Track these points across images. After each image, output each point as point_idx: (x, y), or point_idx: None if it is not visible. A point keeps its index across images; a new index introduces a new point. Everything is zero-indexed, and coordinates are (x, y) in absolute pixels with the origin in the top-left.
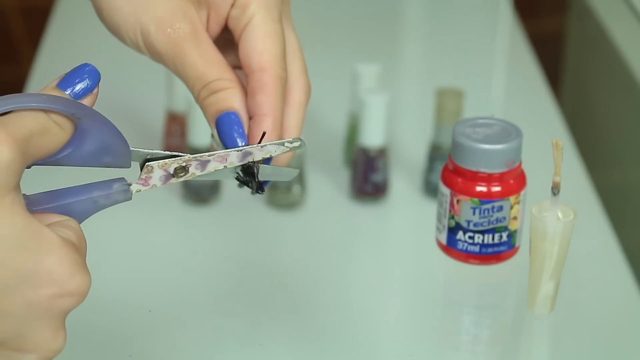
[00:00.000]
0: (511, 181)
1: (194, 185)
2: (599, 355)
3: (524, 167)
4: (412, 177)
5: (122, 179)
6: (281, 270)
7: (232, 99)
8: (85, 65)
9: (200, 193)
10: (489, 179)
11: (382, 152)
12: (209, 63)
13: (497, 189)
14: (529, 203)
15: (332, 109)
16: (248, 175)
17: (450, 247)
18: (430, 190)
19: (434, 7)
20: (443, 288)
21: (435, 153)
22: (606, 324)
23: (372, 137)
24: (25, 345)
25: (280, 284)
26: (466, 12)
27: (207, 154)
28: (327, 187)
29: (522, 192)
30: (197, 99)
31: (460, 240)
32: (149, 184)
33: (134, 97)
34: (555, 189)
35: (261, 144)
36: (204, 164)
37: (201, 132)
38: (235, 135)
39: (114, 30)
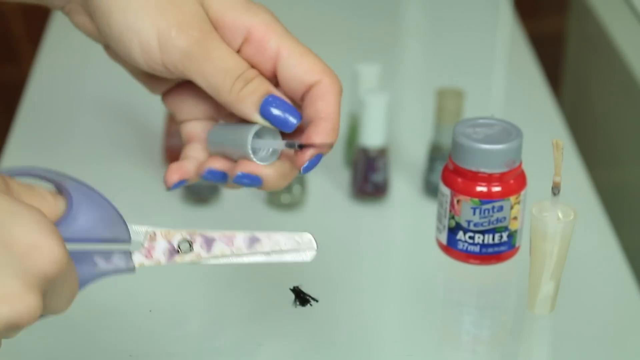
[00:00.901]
0: (511, 181)
1: (194, 185)
2: (599, 355)
3: (524, 167)
4: (412, 177)
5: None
6: (281, 270)
7: (267, 84)
8: None
9: (200, 193)
10: (489, 179)
11: (382, 152)
12: (236, 56)
13: (497, 189)
14: (529, 203)
15: None
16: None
17: (450, 247)
18: (430, 190)
19: (434, 7)
20: (443, 288)
21: (435, 153)
22: (606, 324)
23: (372, 137)
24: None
25: (280, 284)
26: (466, 12)
27: (211, 231)
28: (327, 187)
29: (522, 192)
30: (229, 91)
31: (460, 240)
32: (152, 257)
33: (134, 97)
34: (556, 189)
35: (268, 233)
36: (209, 242)
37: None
38: (288, 114)
39: (121, 34)
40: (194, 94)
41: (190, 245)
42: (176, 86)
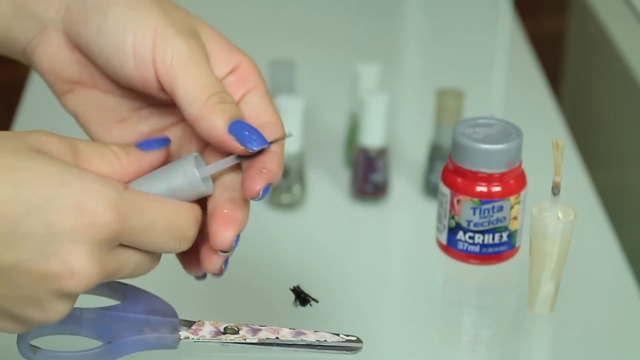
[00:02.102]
0: (511, 181)
1: None
2: (599, 355)
3: (524, 167)
4: (412, 177)
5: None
6: (281, 270)
7: (241, 113)
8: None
9: None
10: (489, 179)
11: (382, 152)
12: (219, 81)
13: (497, 189)
14: (529, 203)
15: (332, 109)
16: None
17: (450, 247)
18: (430, 190)
19: (434, 7)
20: (443, 288)
21: (435, 153)
22: (606, 324)
23: (372, 137)
24: (51, 267)
25: (280, 284)
26: (466, 12)
27: (259, 325)
28: (327, 187)
29: (522, 192)
30: (204, 102)
31: (460, 240)
32: (197, 335)
33: None
34: (556, 189)
35: (315, 330)
36: (255, 331)
37: None
38: (256, 136)
39: (117, 25)
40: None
41: (237, 331)
42: (143, 136)
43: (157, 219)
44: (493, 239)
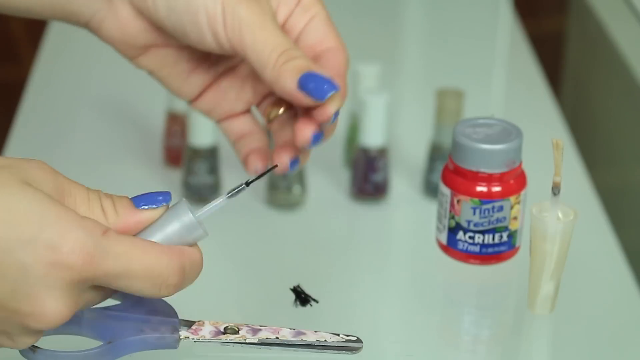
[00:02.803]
0: (511, 181)
1: (194, 185)
2: (599, 355)
3: (524, 167)
4: (412, 177)
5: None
6: (281, 270)
7: (310, 63)
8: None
9: (201, 193)
10: (489, 179)
11: (382, 152)
12: (285, 35)
13: (497, 189)
14: (529, 203)
15: None
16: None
17: (450, 247)
18: (430, 190)
19: (434, 7)
20: (443, 288)
21: (435, 153)
22: (606, 324)
23: (372, 137)
24: (22, 308)
25: (280, 284)
26: (466, 12)
27: (259, 325)
28: (327, 187)
29: (522, 192)
30: (273, 65)
31: (460, 240)
32: (197, 335)
33: (134, 97)
34: (556, 189)
35: (315, 330)
36: (255, 330)
37: (201, 132)
38: (324, 83)
39: (188, 6)
40: (233, 85)
41: (237, 331)
42: (213, 83)
43: (134, 265)
44: (493, 239)
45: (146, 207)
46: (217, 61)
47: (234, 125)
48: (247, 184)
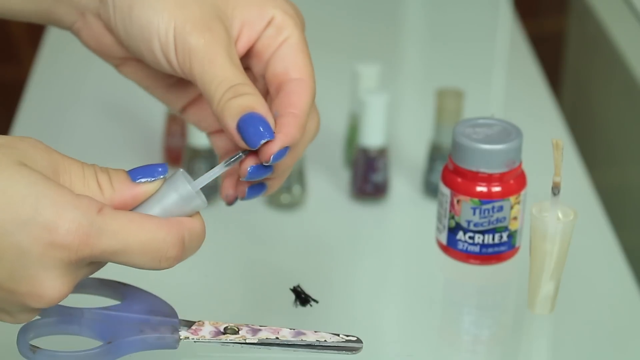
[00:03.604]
0: (511, 181)
1: None
2: (599, 355)
3: (524, 167)
4: (412, 177)
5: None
6: (281, 270)
7: (257, 103)
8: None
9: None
10: (489, 179)
11: (382, 152)
12: (237, 68)
13: (497, 189)
14: (529, 203)
15: (332, 109)
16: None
17: (450, 247)
18: (430, 190)
19: (434, 7)
20: (443, 288)
21: (435, 153)
22: (606, 324)
23: (372, 137)
24: (20, 288)
25: (280, 284)
26: (466, 12)
27: (259, 325)
28: (327, 187)
29: (522, 192)
30: (218, 101)
31: (460, 240)
32: (197, 335)
33: (134, 98)
34: (555, 189)
35: (315, 330)
36: (255, 331)
37: (201, 132)
38: (262, 129)
39: (142, 30)
40: None
41: (237, 331)
42: (197, 98)
43: (131, 241)
44: (493, 239)
45: (143, 179)
46: None
47: (218, 141)
48: (244, 152)
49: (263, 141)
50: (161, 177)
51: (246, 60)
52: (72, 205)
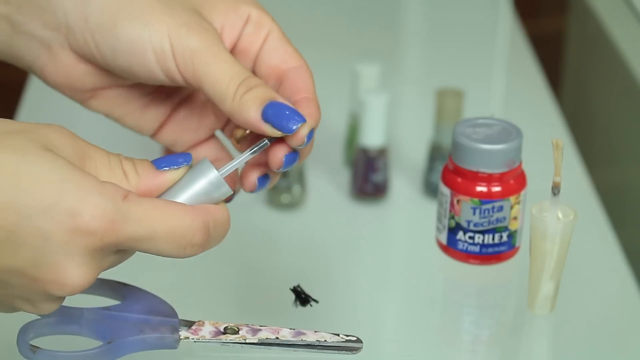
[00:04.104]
0: (511, 181)
1: None
2: (599, 355)
3: (524, 167)
4: (412, 177)
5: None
6: (281, 270)
7: (272, 92)
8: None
9: None
10: (489, 179)
11: (382, 152)
12: (239, 62)
13: (497, 189)
14: (529, 203)
15: (332, 109)
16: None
17: (450, 247)
18: (430, 190)
19: (434, 7)
20: (443, 288)
21: (435, 153)
22: (606, 324)
23: (372, 137)
24: (43, 276)
25: (280, 284)
26: (466, 12)
27: (259, 325)
28: (327, 187)
29: (522, 192)
30: (233, 98)
31: (460, 240)
32: (197, 335)
33: None
34: (556, 189)
35: (315, 330)
36: (255, 331)
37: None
38: (290, 114)
39: (132, 45)
40: (192, 114)
41: (237, 331)
42: (171, 115)
43: (157, 227)
44: (493, 239)
45: (167, 168)
46: (172, 92)
47: (199, 154)
48: (270, 139)
49: (299, 125)
50: (185, 164)
51: None
52: (97, 191)
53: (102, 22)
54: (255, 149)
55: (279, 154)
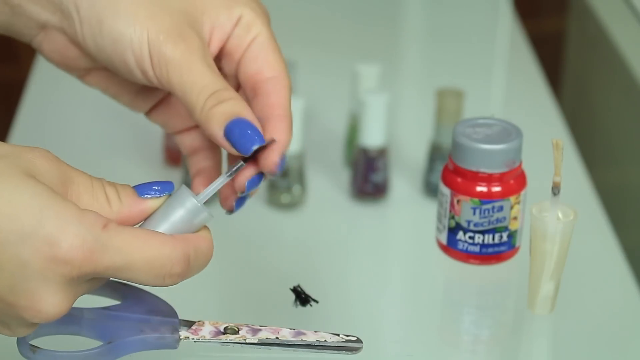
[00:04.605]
0: (511, 181)
1: None
2: (599, 355)
3: (524, 167)
4: (412, 177)
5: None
6: (281, 270)
7: (241, 107)
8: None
9: None
10: (489, 179)
11: (382, 152)
12: (216, 74)
13: (497, 189)
14: (529, 203)
15: (332, 109)
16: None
17: (450, 247)
18: (430, 190)
19: (434, 7)
20: (443, 288)
21: (435, 153)
22: (606, 324)
23: (372, 137)
24: (19, 302)
25: (280, 284)
26: (466, 12)
27: (259, 325)
28: (327, 187)
29: (522, 192)
30: (201, 109)
31: (460, 240)
32: (197, 335)
33: None
34: (555, 189)
35: (315, 330)
36: (255, 331)
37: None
38: (251, 134)
39: (114, 43)
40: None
41: (237, 331)
42: (164, 99)
43: (136, 257)
44: (493, 239)
45: (149, 196)
46: None
47: (185, 139)
48: (245, 160)
49: (255, 147)
50: (167, 193)
51: (217, 62)
52: (77, 219)
53: (89, 15)
54: (231, 171)
55: (241, 177)
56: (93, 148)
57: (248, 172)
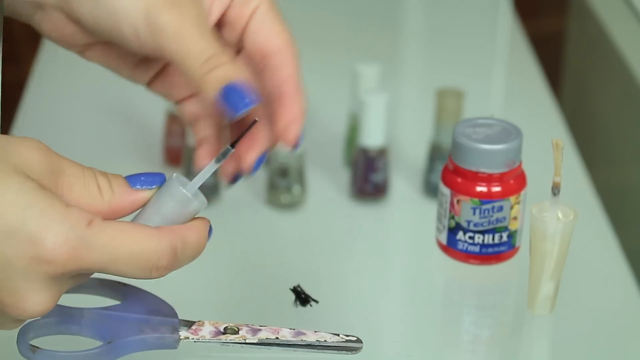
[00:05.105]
0: (511, 181)
1: None
2: (599, 355)
3: (524, 167)
4: (412, 177)
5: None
6: (281, 270)
7: (235, 71)
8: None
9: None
10: (489, 179)
11: (382, 152)
12: (211, 40)
13: (497, 189)
14: (529, 203)
15: (332, 109)
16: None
17: (450, 247)
18: (430, 190)
19: (434, 8)
20: (443, 288)
21: (435, 153)
22: (606, 324)
23: (372, 137)
24: (4, 299)
25: (280, 284)
26: (466, 12)
27: (259, 325)
28: (327, 187)
29: (522, 192)
30: (196, 75)
31: (460, 240)
32: (197, 335)
33: (134, 98)
34: (555, 189)
35: (315, 330)
36: (255, 331)
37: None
38: (242, 96)
39: (111, 15)
40: (180, 72)
41: (237, 331)
42: (163, 69)
43: (120, 252)
44: (493, 239)
45: (140, 187)
46: None
47: (187, 108)
48: (232, 145)
49: (244, 110)
50: (157, 185)
51: (219, 31)
52: (61, 217)
53: None
54: (218, 157)
55: (248, 158)
56: (93, 148)
57: (252, 155)
